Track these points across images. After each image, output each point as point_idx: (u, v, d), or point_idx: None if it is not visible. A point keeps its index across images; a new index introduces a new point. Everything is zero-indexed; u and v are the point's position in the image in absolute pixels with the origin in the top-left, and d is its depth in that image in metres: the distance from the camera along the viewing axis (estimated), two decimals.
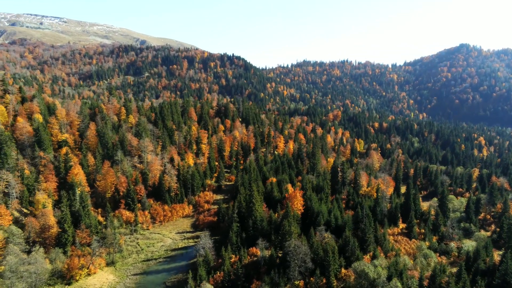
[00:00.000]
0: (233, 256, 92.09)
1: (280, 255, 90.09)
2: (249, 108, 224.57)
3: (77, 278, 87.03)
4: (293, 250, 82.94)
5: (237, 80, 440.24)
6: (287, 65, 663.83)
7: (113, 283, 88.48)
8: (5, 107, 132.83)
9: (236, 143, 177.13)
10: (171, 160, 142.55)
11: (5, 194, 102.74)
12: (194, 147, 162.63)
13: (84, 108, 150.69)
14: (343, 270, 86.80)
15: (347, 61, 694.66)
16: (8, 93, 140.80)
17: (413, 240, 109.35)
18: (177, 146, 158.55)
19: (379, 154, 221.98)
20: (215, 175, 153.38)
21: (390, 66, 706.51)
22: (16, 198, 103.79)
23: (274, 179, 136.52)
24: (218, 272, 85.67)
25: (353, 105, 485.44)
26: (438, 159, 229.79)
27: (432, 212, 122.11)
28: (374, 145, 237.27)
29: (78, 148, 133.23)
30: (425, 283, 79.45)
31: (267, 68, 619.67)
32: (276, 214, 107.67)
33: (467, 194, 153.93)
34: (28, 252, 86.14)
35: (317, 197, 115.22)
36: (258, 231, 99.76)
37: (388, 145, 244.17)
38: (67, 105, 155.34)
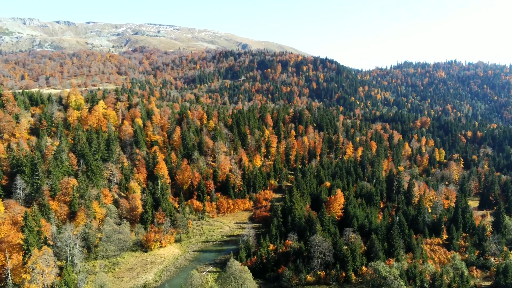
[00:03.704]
0: (271, 245, 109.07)
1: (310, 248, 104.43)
2: (323, 114, 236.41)
3: (152, 248, 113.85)
4: (315, 244, 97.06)
5: (327, 83, 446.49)
6: (386, 67, 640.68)
7: (177, 255, 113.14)
8: (116, 112, 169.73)
9: (303, 148, 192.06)
10: (240, 160, 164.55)
11: (109, 180, 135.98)
12: (264, 149, 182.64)
13: (172, 115, 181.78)
14: (363, 268, 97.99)
15: (454, 61, 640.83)
16: (119, 101, 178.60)
17: (452, 251, 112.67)
18: (248, 148, 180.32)
19: (461, 165, 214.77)
20: (279, 176, 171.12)
21: (507, 67, 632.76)
22: (116, 184, 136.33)
23: (328, 184, 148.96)
24: (255, 257, 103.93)
25: (454, 110, 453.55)
26: None
27: (489, 228, 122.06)
28: (456, 156, 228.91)
29: (165, 147, 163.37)
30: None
31: (363, 70, 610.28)
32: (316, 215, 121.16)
33: None
34: (119, 225, 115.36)
35: (357, 203, 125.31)
36: (296, 227, 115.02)
37: (475, 156, 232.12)
38: (163, 111, 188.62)
